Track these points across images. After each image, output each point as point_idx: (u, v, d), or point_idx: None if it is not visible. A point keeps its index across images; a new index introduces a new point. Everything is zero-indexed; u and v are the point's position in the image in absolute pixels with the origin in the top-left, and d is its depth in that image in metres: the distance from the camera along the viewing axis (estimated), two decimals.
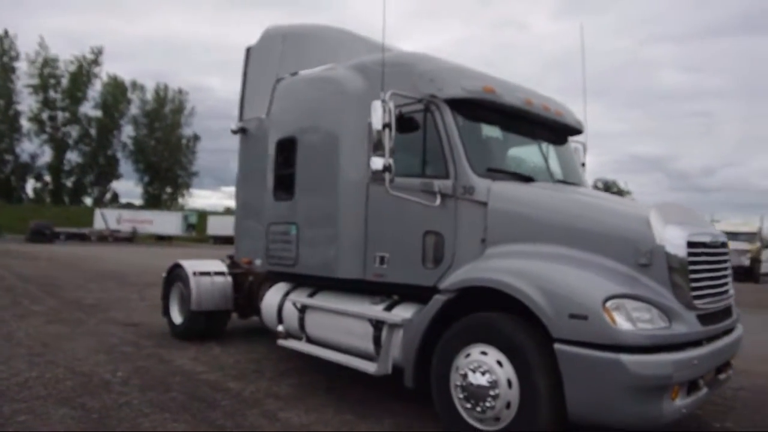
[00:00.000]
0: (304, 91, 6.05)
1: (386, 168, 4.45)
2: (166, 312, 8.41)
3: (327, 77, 5.81)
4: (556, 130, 5.66)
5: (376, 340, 4.95)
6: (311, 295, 5.92)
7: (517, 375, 3.88)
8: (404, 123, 4.82)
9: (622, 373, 3.48)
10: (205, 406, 4.98)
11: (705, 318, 3.98)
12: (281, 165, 6.21)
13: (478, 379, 4.03)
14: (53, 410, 4.74)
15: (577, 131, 5.81)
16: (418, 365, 4.55)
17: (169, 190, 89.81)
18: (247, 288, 7.97)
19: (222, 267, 8.18)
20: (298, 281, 6.27)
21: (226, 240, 56.37)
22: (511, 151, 5.30)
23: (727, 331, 4.35)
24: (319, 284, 5.95)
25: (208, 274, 7.93)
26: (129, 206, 78.32)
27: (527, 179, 4.94)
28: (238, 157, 7.05)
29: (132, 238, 56.55)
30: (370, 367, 4.82)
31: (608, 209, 4.29)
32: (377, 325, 4.95)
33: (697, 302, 3.92)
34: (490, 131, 5.09)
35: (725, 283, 4.41)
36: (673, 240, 3.88)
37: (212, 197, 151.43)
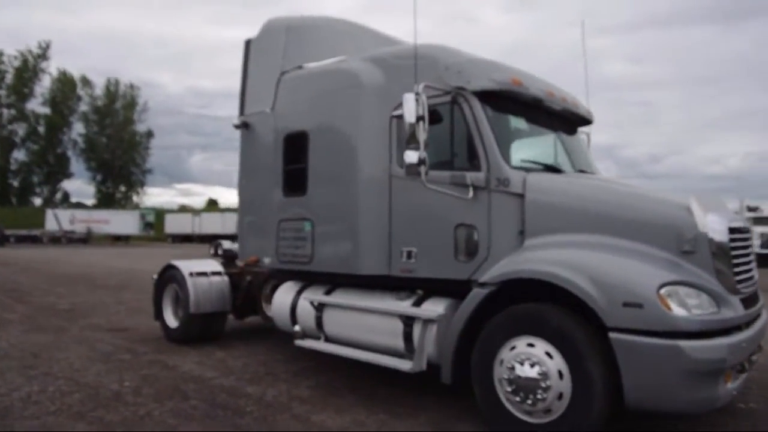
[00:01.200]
0: (315, 84, 5.85)
1: (421, 161, 4.34)
2: (159, 316, 8.06)
3: (340, 70, 5.63)
4: (571, 121, 5.67)
5: (407, 337, 4.84)
6: (327, 293, 5.76)
7: (568, 366, 3.85)
8: (430, 116, 4.70)
9: (680, 358, 3.49)
10: (232, 414, 4.77)
11: (745, 302, 4.05)
12: (291, 160, 6.00)
13: (527, 372, 3.98)
14: (70, 426, 4.44)
15: (588, 122, 5.84)
16: (457, 361, 4.48)
17: (122, 188, 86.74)
18: (245, 288, 7.72)
19: (218, 267, 7.90)
20: (309, 279, 6.09)
21: (184, 239, 55.08)
22: (535, 142, 5.27)
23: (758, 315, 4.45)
24: (334, 282, 5.79)
25: (205, 274, 7.63)
26: (80, 206, 75.22)
27: (555, 170, 4.92)
28: (240, 153, 6.77)
29: (87, 239, 54.40)
30: (404, 364, 4.71)
31: (647, 197, 4.30)
32: (407, 321, 4.84)
33: (739, 286, 3.99)
34: (517, 123, 5.04)
35: (753, 268, 4.50)
36: (716, 226, 3.92)
37: (165, 195, 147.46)
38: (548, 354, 3.95)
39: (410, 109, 4.33)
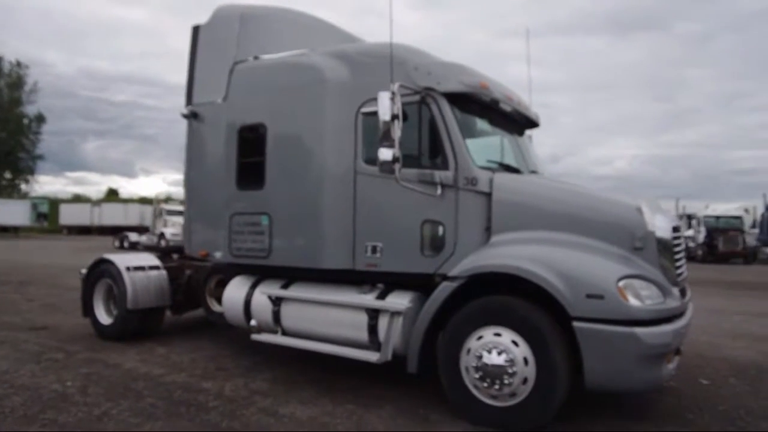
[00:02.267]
0: (274, 76, 5.79)
1: (395, 159, 4.48)
2: (89, 312, 7.60)
3: (303, 63, 5.62)
4: (521, 123, 6.04)
5: (372, 329, 4.99)
6: (284, 288, 5.75)
7: (533, 353, 4.19)
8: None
9: (636, 344, 3.93)
10: (195, 410, 4.68)
11: (682, 293, 4.59)
12: (246, 153, 5.90)
13: (494, 359, 4.28)
14: (23, 430, 4.14)
15: (535, 124, 6.25)
16: (423, 351, 4.69)
17: (8, 175, 78.72)
18: (185, 282, 7.49)
19: (155, 261, 7.59)
20: (262, 273, 6.03)
21: (81, 230, 51.18)
22: (494, 143, 5.56)
23: None
24: (289, 276, 5.79)
25: (142, 268, 7.32)
26: None
27: (514, 170, 5.25)
28: (186, 144, 6.51)
29: None
30: (371, 356, 4.85)
31: (603, 199, 4.73)
32: (373, 314, 4.98)
33: (679, 279, 4.52)
34: (480, 124, 5.31)
35: (684, 264, 5.10)
36: (663, 225, 4.43)
37: (56, 183, 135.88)
38: (514, 342, 4.27)
39: (385, 107, 4.44)
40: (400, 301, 4.93)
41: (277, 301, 5.64)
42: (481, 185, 4.72)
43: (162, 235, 28.38)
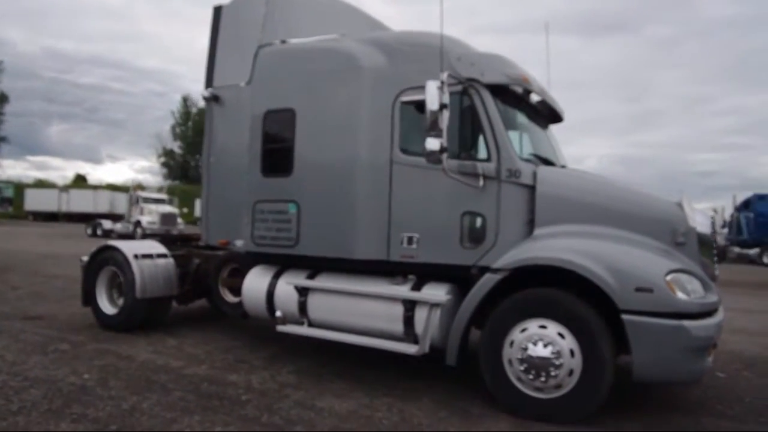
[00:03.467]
0: (305, 61, 5.61)
1: (443, 149, 4.39)
2: (89, 301, 7.30)
3: (336, 49, 5.46)
4: (548, 118, 6.01)
5: (407, 321, 4.90)
6: (310, 278, 5.61)
7: (579, 344, 4.18)
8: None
9: (685, 336, 3.96)
10: (230, 403, 4.52)
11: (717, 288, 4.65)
12: (272, 138, 5.72)
13: (540, 351, 4.25)
14: (52, 425, 3.93)
15: (560, 119, 6.23)
16: (464, 343, 4.65)
17: None
18: (193, 271, 7.27)
19: (162, 248, 7.34)
20: (284, 263, 5.88)
21: (48, 217, 49.46)
22: (530, 136, 5.51)
23: None
24: (315, 266, 5.65)
25: (150, 256, 7.06)
26: None
27: (550, 164, 5.22)
28: (207, 128, 6.27)
29: None
30: (409, 348, 4.77)
31: (644, 194, 4.74)
32: (409, 305, 4.90)
33: (715, 274, 4.57)
34: (518, 117, 5.25)
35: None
36: (702, 222, 4.46)
37: (16, 167, 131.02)
38: (560, 334, 4.24)
39: (433, 96, 4.34)
40: (438, 292, 4.85)
41: (303, 292, 5.50)
42: (525, 178, 4.67)
43: (138, 224, 27.65)
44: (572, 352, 4.20)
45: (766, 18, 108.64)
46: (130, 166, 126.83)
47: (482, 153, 4.81)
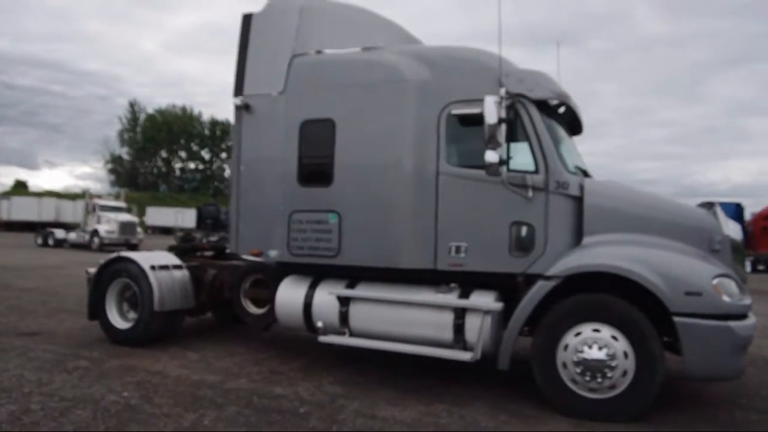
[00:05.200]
0: (344, 72, 5.66)
1: (502, 161, 4.56)
2: (96, 315, 7.03)
3: (379, 61, 5.54)
4: (573, 129, 6.25)
5: (458, 328, 5.02)
6: (349, 287, 5.63)
7: (632, 346, 4.42)
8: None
9: (731, 336, 4.29)
10: (292, 416, 4.49)
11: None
12: (310, 148, 5.73)
13: (595, 354, 4.47)
14: None
15: (581, 130, 6.43)
16: (513, 348, 4.81)
17: None
18: (209, 282, 7.13)
19: (176, 260, 7.18)
20: (317, 272, 5.87)
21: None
22: (567, 149, 5.73)
23: None
24: (353, 275, 5.68)
25: (166, 267, 6.89)
26: None
27: (588, 175, 5.48)
28: (237, 136, 6.16)
29: None
30: (464, 355, 4.88)
31: (680, 204, 5.08)
32: (459, 313, 5.02)
33: (746, 278, 4.93)
34: (558, 131, 5.47)
35: None
36: (735, 230, 4.82)
37: None
38: (614, 337, 4.48)
39: (491, 111, 4.52)
40: (488, 300, 5.00)
41: (345, 302, 5.52)
42: (572, 189, 4.89)
43: (96, 233, 26.50)
44: (626, 354, 4.44)
45: (695, 37, 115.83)
46: (70, 173, 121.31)
47: (530, 165, 4.99)
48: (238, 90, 6.11)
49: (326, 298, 5.61)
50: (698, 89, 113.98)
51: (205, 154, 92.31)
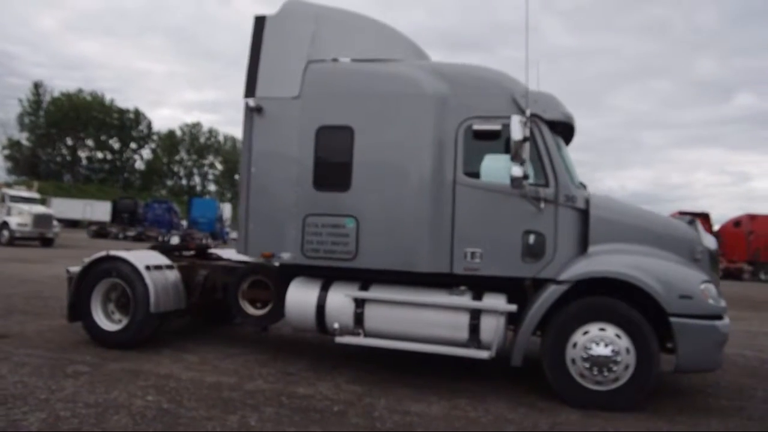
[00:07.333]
0: (363, 81, 5.87)
1: (525, 176, 5.02)
2: (77, 316, 6.75)
3: (399, 74, 5.80)
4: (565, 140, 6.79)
5: (473, 328, 5.42)
6: (362, 289, 5.86)
7: (633, 343, 5.04)
8: (500, 134, 5.47)
9: (717, 333, 5.01)
10: (330, 415, 4.67)
11: None
12: (326, 153, 5.89)
13: (602, 351, 5.04)
14: None
15: (571, 140, 6.95)
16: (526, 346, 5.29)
17: None
18: (200, 283, 7.06)
19: (166, 260, 7.03)
20: (327, 275, 6.04)
21: None
22: (570, 164, 6.25)
23: None
24: (365, 277, 5.92)
25: (159, 268, 6.75)
26: None
27: (585, 188, 6.06)
28: (248, 138, 6.12)
29: None
30: (481, 354, 5.28)
31: (668, 218, 5.79)
32: (474, 314, 5.42)
33: (719, 284, 5.71)
34: (563, 147, 5.98)
35: None
36: (711, 241, 5.58)
37: None
38: (617, 335, 5.07)
39: (517, 130, 4.97)
40: (500, 302, 5.44)
41: (360, 303, 5.74)
42: (579, 203, 5.44)
43: (5, 225, 24.40)
44: (628, 350, 5.04)
45: (598, 50, 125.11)
46: None
47: (540, 179, 5.49)
48: (250, 91, 6.12)
49: (341, 299, 5.80)
50: (602, 100, 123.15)
51: (114, 144, 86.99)
